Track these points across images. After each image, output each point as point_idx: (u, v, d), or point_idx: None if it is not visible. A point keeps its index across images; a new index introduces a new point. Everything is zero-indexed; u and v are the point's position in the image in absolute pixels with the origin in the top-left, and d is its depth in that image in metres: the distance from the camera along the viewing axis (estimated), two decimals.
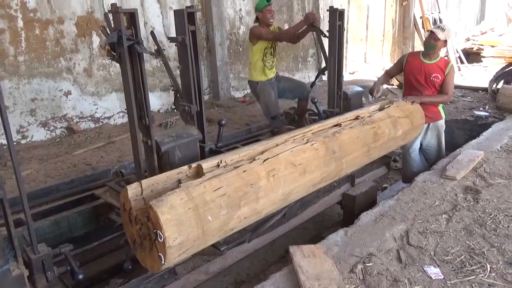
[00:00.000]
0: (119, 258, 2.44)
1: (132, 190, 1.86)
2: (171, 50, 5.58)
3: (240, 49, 6.90)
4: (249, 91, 7.02)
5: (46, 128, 4.80)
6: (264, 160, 2.23)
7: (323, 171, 2.57)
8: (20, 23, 4.41)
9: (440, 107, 3.92)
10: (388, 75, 4.23)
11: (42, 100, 4.71)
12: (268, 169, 2.22)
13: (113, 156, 4.31)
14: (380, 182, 4.84)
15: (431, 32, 3.66)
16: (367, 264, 2.21)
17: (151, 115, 2.29)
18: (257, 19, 4.18)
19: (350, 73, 8.90)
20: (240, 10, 6.75)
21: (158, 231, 1.70)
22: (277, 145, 2.43)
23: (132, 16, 2.09)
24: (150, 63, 5.61)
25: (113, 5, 2.03)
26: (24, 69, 4.51)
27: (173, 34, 5.81)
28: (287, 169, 2.31)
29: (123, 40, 2.02)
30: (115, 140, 4.76)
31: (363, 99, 4.86)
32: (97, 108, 5.22)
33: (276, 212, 2.72)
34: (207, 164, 2.08)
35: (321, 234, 3.26)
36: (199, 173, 2.05)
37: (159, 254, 1.74)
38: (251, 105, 6.33)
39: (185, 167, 2.08)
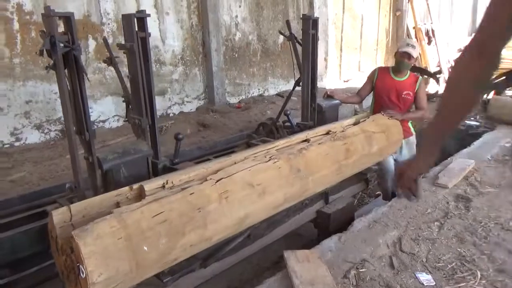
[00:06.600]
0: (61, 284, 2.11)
1: (59, 215, 1.62)
2: None
3: (236, 55, 6.93)
4: (244, 97, 7.07)
5: (41, 130, 4.77)
6: (217, 181, 2.00)
7: (285, 191, 2.33)
8: (16, 26, 4.40)
9: (409, 123, 3.81)
10: (359, 97, 3.93)
11: (37, 102, 4.68)
12: (221, 190, 1.98)
13: None
14: (360, 198, 4.68)
15: (403, 52, 3.51)
16: (360, 270, 2.24)
17: (92, 129, 2.04)
18: None
19: (344, 81, 8.99)
20: (236, 16, 6.80)
21: (80, 265, 1.47)
22: (235, 163, 2.20)
23: (68, 20, 1.88)
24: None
25: (46, 8, 1.81)
26: (19, 71, 4.48)
27: (170, 39, 5.87)
28: (243, 190, 2.08)
29: (56, 47, 1.82)
30: (109, 144, 4.75)
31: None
32: (92, 112, 5.20)
33: (239, 233, 2.42)
34: (150, 185, 1.85)
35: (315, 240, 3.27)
36: (141, 195, 1.82)
37: None
38: (246, 111, 6.36)
39: (126, 188, 1.85)
